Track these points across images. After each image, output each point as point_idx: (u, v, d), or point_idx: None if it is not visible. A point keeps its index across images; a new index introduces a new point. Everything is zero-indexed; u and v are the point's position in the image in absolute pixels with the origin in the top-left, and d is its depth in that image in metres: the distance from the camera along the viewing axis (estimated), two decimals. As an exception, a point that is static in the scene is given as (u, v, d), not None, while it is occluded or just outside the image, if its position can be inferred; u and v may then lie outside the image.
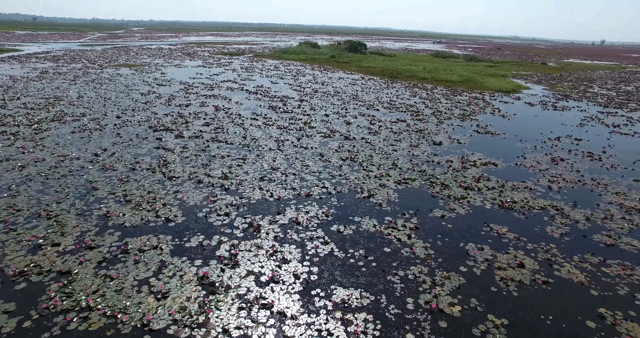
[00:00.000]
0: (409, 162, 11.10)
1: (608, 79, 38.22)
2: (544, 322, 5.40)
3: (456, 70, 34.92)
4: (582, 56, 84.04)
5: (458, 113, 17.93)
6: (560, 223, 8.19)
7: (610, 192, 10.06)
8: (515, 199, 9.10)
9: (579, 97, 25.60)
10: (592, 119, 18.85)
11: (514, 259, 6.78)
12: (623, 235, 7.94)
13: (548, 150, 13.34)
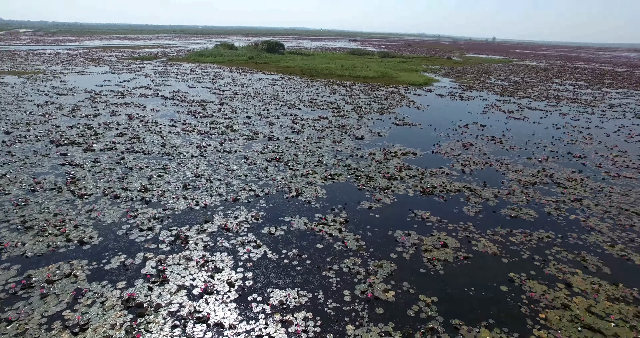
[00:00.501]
0: (334, 158, 11.37)
1: (501, 71, 42.79)
2: (467, 293, 5.87)
3: (372, 66, 36.52)
4: (479, 51, 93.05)
5: (377, 107, 18.77)
6: (474, 203, 8.97)
7: (510, 170, 11.27)
8: (434, 185, 9.77)
9: (480, 87, 28.30)
10: (492, 107, 20.96)
11: (438, 240, 7.27)
12: (523, 206, 8.95)
13: (459, 137, 14.55)
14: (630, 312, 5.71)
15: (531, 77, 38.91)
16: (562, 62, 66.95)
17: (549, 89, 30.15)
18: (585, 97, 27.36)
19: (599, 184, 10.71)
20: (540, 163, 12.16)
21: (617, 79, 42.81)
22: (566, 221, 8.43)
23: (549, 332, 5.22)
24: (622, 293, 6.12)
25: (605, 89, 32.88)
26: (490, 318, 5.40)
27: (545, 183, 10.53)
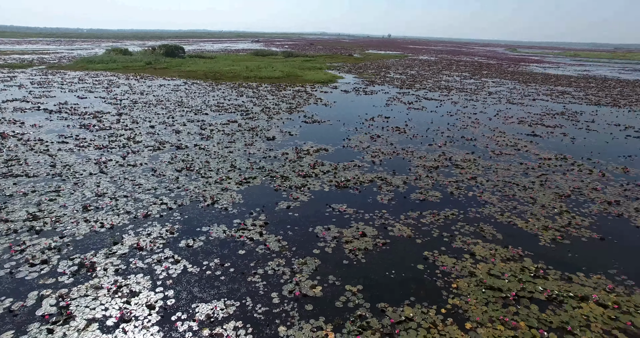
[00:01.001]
0: (247, 161, 11.19)
1: (399, 66, 46.06)
2: (389, 277, 6.23)
3: (277, 66, 36.63)
4: (377, 48, 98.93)
5: (285, 107, 18.90)
6: (386, 191, 9.54)
7: (415, 157, 12.22)
8: (348, 178, 10.17)
9: (381, 82, 30.13)
10: (393, 100, 22.47)
11: (357, 231, 7.59)
12: (429, 189, 9.77)
13: (366, 130, 15.33)
14: (517, 267, 6.60)
15: (425, 70, 42.56)
16: (449, 56, 74.39)
17: (440, 81, 33.28)
18: (469, 86, 30.76)
19: (488, 162, 12.14)
20: (440, 148, 13.39)
21: (491, 70, 48.87)
22: (465, 198, 9.40)
23: (461, 298, 5.79)
24: (511, 254, 7.04)
25: (484, 79, 37.31)
26: (412, 296, 5.81)
27: (446, 165, 11.62)
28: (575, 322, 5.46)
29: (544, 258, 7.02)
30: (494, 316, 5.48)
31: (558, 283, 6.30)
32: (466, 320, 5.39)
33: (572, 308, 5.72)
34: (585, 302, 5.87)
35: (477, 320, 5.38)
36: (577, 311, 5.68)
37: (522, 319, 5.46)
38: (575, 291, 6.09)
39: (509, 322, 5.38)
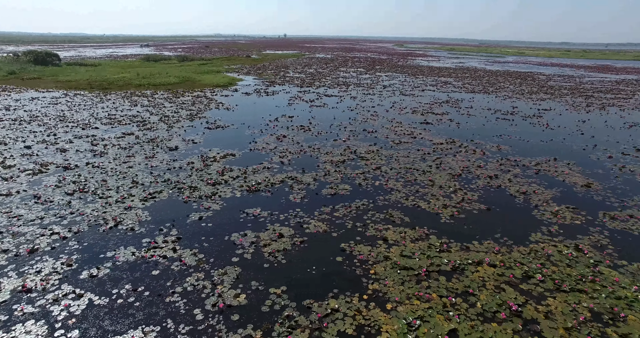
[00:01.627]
0: (150, 175, 10.42)
1: (297, 65, 46.87)
2: (310, 273, 6.37)
3: (172, 72, 34.65)
4: (275, 48, 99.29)
5: (186, 114, 18.01)
6: (298, 189, 9.69)
7: (322, 154, 12.61)
8: (259, 181, 10.09)
9: (281, 81, 30.36)
10: (295, 98, 22.83)
11: (274, 233, 7.60)
12: (338, 183, 10.18)
13: (272, 131, 15.34)
14: (425, 245, 7.26)
15: (322, 68, 43.96)
16: (344, 54, 77.90)
17: (338, 77, 34.71)
18: (366, 81, 32.62)
19: (389, 152, 13.06)
20: (345, 143, 14.00)
21: (384, 65, 52.46)
22: (373, 187, 10.00)
23: (380, 282, 6.17)
24: (418, 234, 7.71)
25: (378, 74, 39.88)
26: (334, 288, 6.02)
27: (352, 159, 12.20)
28: (475, 284, 6.20)
29: (446, 233, 7.82)
30: (410, 293, 5.96)
31: (459, 253, 7.08)
32: (387, 301, 5.77)
33: (471, 273, 6.48)
34: (480, 266, 6.69)
35: (396, 300, 5.79)
36: (475, 274, 6.45)
37: (434, 291, 6.02)
38: (473, 258, 6.90)
39: (423, 295, 5.89)
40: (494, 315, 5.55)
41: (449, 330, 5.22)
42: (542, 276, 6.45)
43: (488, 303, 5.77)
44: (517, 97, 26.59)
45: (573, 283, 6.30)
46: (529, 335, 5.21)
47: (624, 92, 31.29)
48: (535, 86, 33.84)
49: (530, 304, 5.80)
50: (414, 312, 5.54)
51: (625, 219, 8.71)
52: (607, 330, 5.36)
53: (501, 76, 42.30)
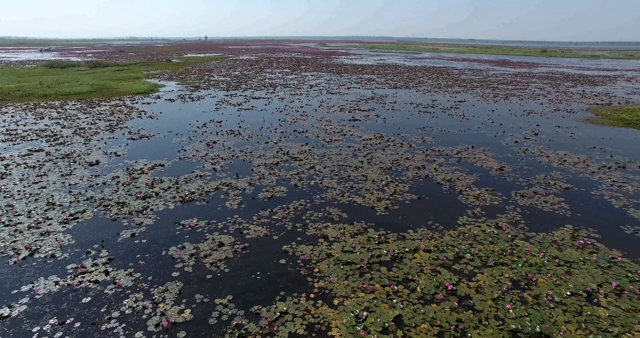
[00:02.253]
0: (69, 194, 9.51)
1: (221, 68, 45.70)
2: (255, 279, 6.30)
3: (84, 79, 31.83)
4: (196, 51, 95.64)
5: (105, 125, 16.69)
6: (234, 195, 9.50)
7: (255, 157, 12.49)
8: (192, 190, 9.72)
9: (206, 86, 29.39)
10: (222, 103, 22.27)
11: (213, 242, 7.38)
12: (274, 186, 10.16)
13: (201, 137, 14.82)
14: (364, 239, 7.56)
15: (248, 70, 43.34)
16: (268, 54, 77.46)
17: (264, 79, 34.47)
18: (292, 82, 32.81)
19: (321, 150, 13.31)
20: (276, 144, 13.99)
21: (309, 64, 53.16)
22: (309, 187, 10.13)
23: (325, 280, 6.30)
24: (357, 229, 7.99)
25: (303, 74, 40.30)
26: (281, 291, 6.03)
27: (285, 160, 12.24)
28: (413, 270, 6.60)
29: (383, 225, 8.19)
30: (355, 286, 6.17)
31: (397, 243, 7.47)
32: (333, 297, 5.92)
33: (409, 260, 6.89)
34: (417, 253, 7.14)
35: (342, 295, 5.96)
36: (413, 261, 6.86)
37: (377, 282, 6.30)
38: (409, 246, 7.33)
39: (367, 287, 6.13)
40: (433, 297, 5.96)
41: (394, 317, 5.50)
42: (471, 255, 7.05)
43: (427, 287, 6.18)
44: (435, 91, 28.57)
45: (496, 258, 6.98)
46: (464, 310, 5.69)
47: (521, 84, 35.08)
48: (450, 79, 36.61)
49: (463, 282, 6.32)
50: (360, 304, 5.75)
51: (531, 196, 9.83)
52: (524, 294, 6.04)
53: (419, 71, 45.10)
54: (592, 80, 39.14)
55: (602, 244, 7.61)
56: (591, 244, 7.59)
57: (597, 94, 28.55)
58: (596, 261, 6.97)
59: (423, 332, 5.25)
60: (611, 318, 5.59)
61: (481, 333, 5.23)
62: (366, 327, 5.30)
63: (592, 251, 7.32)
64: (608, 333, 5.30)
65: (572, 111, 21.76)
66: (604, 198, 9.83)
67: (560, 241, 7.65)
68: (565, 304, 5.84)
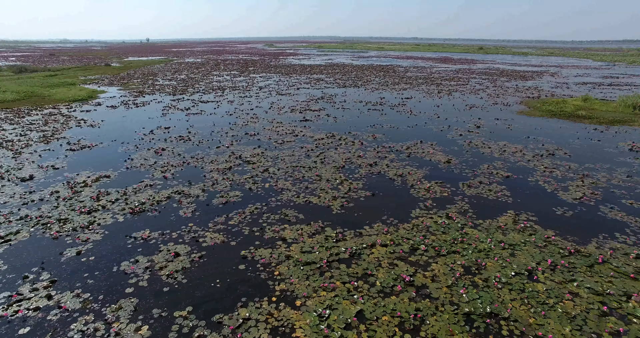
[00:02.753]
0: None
1: (166, 71, 43.96)
2: (215, 287, 6.17)
3: (8, 86, 29.22)
4: (138, 54, 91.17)
5: (38, 136, 15.46)
6: (187, 203, 9.22)
7: (207, 163, 12.18)
8: (142, 201, 9.30)
9: (151, 91, 28.15)
10: (169, 108, 21.45)
11: (169, 253, 7.13)
12: (228, 191, 9.99)
13: (148, 145, 14.19)
14: (322, 238, 7.65)
15: (194, 73, 42.05)
16: (215, 57, 75.59)
17: (212, 82, 33.65)
18: (241, 84, 32.32)
19: (274, 152, 13.25)
20: (228, 149, 13.73)
21: (257, 66, 52.61)
22: (264, 190, 10.06)
23: (285, 282, 6.30)
24: (314, 229, 8.07)
25: (252, 75, 39.83)
26: (242, 297, 5.95)
27: (238, 164, 12.05)
28: (372, 265, 6.78)
29: (339, 223, 8.32)
30: (316, 286, 6.22)
31: (354, 240, 7.63)
32: (295, 298, 5.94)
33: (367, 256, 7.06)
34: (374, 248, 7.34)
35: (304, 295, 6.00)
36: (371, 257, 7.05)
37: (337, 279, 6.40)
38: (366, 242, 7.51)
39: (329, 286, 6.22)
40: (392, 289, 6.17)
41: (357, 312, 5.63)
42: (425, 246, 7.37)
43: (385, 280, 6.37)
44: (383, 89, 29.40)
45: (449, 247, 7.35)
46: (422, 299, 5.94)
47: (462, 79, 37.04)
48: (397, 77, 37.82)
49: (419, 272, 6.59)
50: (322, 303, 5.82)
51: (477, 185, 10.44)
52: (475, 278, 6.42)
53: (367, 70, 46.16)
54: (523, 75, 42.17)
55: (539, 225, 8.26)
56: (530, 227, 8.21)
57: (528, 88, 30.81)
58: (534, 242, 7.56)
59: (385, 324, 5.42)
60: (547, 292, 6.10)
61: (438, 319, 5.49)
62: (329, 325, 5.38)
63: (531, 233, 7.93)
64: (545, 305, 5.79)
65: (508, 104, 23.33)
66: (538, 183, 10.66)
67: (504, 226, 8.20)
68: (511, 284, 6.28)
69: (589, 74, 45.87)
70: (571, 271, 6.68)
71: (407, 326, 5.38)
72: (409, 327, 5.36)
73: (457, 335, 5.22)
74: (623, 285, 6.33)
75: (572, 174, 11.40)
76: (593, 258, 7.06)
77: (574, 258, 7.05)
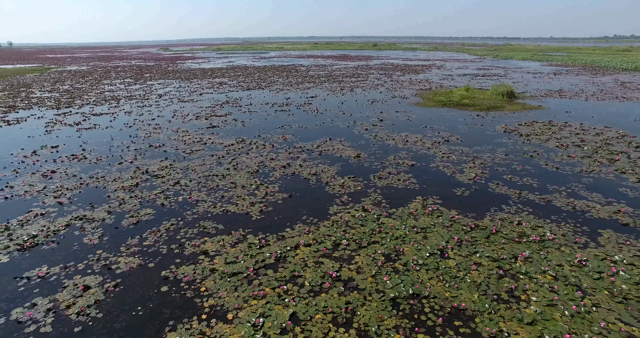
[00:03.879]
0: None
1: (44, 82, 38.80)
2: (137, 316, 5.69)
3: None
4: (1, 61, 78.72)
5: None
6: (91, 228, 8.32)
7: (109, 181, 11.12)
8: (33, 234, 8.16)
9: (26, 105, 24.63)
10: (55, 124, 19.00)
11: (76, 287, 6.38)
12: (139, 209, 9.25)
13: (32, 168, 12.44)
14: (245, 246, 7.54)
15: (80, 83, 37.79)
16: (104, 63, 68.70)
17: (104, 92, 30.63)
18: (138, 92, 29.96)
19: (184, 163, 12.61)
20: (132, 164, 12.69)
21: (153, 72, 49.27)
22: (177, 204, 9.53)
23: (213, 297, 6.08)
24: (236, 238, 7.90)
25: (149, 82, 37.20)
26: (169, 320, 5.59)
27: (145, 179, 11.23)
28: (298, 266, 6.88)
29: (260, 229, 8.27)
30: (246, 296, 6.12)
31: (277, 244, 7.65)
32: (226, 312, 5.77)
33: (292, 258, 7.14)
34: (298, 249, 7.45)
35: (236, 307, 5.86)
36: (296, 258, 7.14)
37: (266, 286, 6.37)
38: (290, 244, 7.58)
39: (259, 294, 6.16)
40: (321, 287, 6.34)
41: (290, 315, 5.68)
42: (347, 240, 7.69)
43: (313, 279, 6.52)
44: (288, 89, 29.71)
45: (368, 238, 7.77)
46: (350, 292, 6.21)
47: (362, 75, 39.16)
48: (300, 77, 38.48)
49: (344, 267, 6.87)
50: (255, 312, 5.75)
51: (386, 176, 11.19)
52: (396, 264, 6.91)
53: (269, 71, 46.17)
54: (415, 69, 46.07)
55: (444, 207, 9.17)
56: (437, 209, 9.07)
57: (420, 81, 33.76)
58: (442, 223, 8.39)
59: (319, 322, 5.56)
60: (457, 266, 6.83)
61: (367, 308, 5.80)
62: (265, 333, 5.34)
63: (438, 215, 8.77)
64: (457, 278, 6.48)
65: (405, 97, 25.31)
66: (439, 168, 11.81)
67: (415, 212, 8.93)
68: (427, 264, 6.89)
69: (467, 66, 51.85)
70: (474, 244, 7.56)
71: (340, 320, 5.59)
72: (342, 321, 5.58)
73: (387, 320, 5.58)
74: (512, 249, 7.37)
75: (465, 157, 12.85)
76: (489, 230, 8.08)
77: (474, 233, 7.98)
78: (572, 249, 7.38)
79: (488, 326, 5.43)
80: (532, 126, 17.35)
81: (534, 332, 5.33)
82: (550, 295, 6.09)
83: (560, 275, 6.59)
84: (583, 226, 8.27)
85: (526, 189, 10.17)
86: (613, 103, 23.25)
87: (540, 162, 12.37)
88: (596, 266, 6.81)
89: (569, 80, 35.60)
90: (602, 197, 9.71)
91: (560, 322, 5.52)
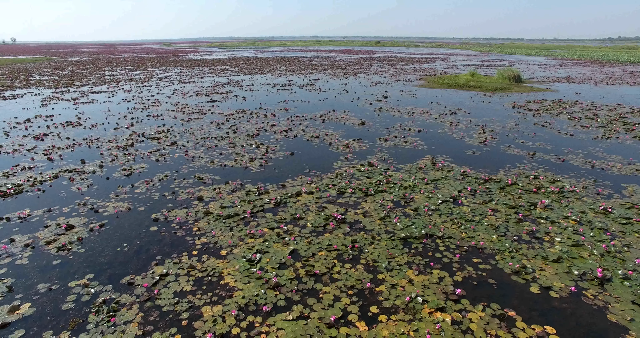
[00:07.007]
0: None
1: (44, 68, 38.43)
2: (122, 251, 5.19)
3: None
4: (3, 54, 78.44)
5: None
6: (81, 179, 7.83)
7: (103, 142, 10.63)
8: (18, 183, 7.66)
9: (24, 85, 24.17)
10: (52, 99, 18.56)
11: (59, 227, 5.88)
12: (132, 164, 8.76)
13: (24, 132, 11.94)
14: (243, 194, 7.03)
15: (80, 69, 37.35)
16: (105, 56, 68.35)
17: (104, 76, 30.18)
18: (138, 77, 29.52)
19: (182, 128, 12.15)
20: (128, 129, 12.20)
21: (154, 61, 48.88)
22: (173, 159, 9.03)
23: (207, 235, 5.58)
24: (233, 186, 7.38)
25: (150, 69, 36.77)
26: (156, 255, 5.09)
27: (141, 141, 10.74)
28: (300, 210, 6.36)
29: (260, 179, 7.76)
30: (242, 234, 5.61)
31: (278, 192, 7.14)
32: (220, 249, 5.26)
33: (294, 204, 6.63)
34: (300, 196, 6.93)
35: (230, 244, 5.36)
36: (297, 203, 6.63)
37: (265, 226, 5.86)
38: (291, 192, 7.07)
39: (256, 232, 5.65)
40: (324, 228, 5.82)
41: (290, 252, 5.16)
42: (352, 189, 7.17)
43: (316, 221, 6.00)
44: (290, 73, 29.22)
45: (375, 187, 7.25)
46: (356, 232, 5.69)
47: (365, 65, 38.66)
48: (302, 65, 37.99)
49: (350, 211, 6.36)
50: (251, 249, 5.24)
51: (392, 139, 10.66)
52: (406, 210, 6.39)
53: (272, 61, 45.68)
54: (418, 60, 45.54)
55: (455, 164, 8.64)
56: (447, 166, 8.54)
57: (424, 69, 33.23)
58: (453, 176, 7.87)
59: (322, 258, 5.04)
60: (472, 211, 6.31)
61: (376, 247, 5.29)
62: (262, 267, 4.83)
63: (449, 170, 8.24)
64: (473, 222, 5.96)
65: (409, 80, 24.77)
66: (447, 134, 11.28)
67: (425, 166, 8.42)
68: (439, 210, 6.37)
69: (471, 59, 51.28)
70: (488, 194, 7.03)
71: (346, 257, 5.07)
72: (348, 257, 5.06)
73: (398, 257, 5.06)
74: (529, 198, 6.84)
75: (474, 126, 12.32)
76: (504, 182, 7.55)
77: (488, 184, 7.46)
78: (594, 199, 6.85)
79: (510, 262, 4.91)
80: (542, 103, 16.80)
81: (561, 268, 4.80)
82: (576, 237, 5.56)
83: (585, 220, 6.06)
84: (605, 180, 7.74)
85: (540, 151, 9.63)
86: (623, 87, 22.67)
87: (552, 131, 11.83)
88: (623, 213, 6.28)
89: (576, 70, 35.02)
90: (622, 158, 9.17)
91: (589, 260, 4.99)
